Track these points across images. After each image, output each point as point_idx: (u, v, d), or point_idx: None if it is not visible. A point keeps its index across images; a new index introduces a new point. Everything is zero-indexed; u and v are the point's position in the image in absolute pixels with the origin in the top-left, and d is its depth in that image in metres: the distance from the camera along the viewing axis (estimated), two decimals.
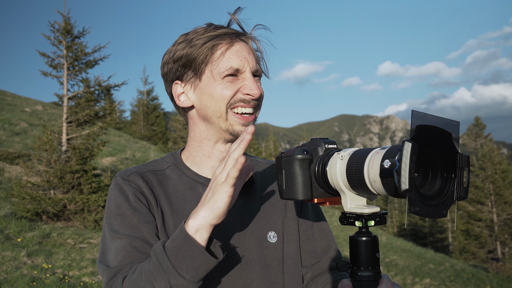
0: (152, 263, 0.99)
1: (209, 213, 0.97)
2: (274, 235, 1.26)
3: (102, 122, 9.32)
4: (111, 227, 1.16)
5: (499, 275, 16.54)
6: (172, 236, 1.00)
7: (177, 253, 0.96)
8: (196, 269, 0.95)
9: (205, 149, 1.27)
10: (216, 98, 1.19)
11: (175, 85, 1.25)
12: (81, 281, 6.25)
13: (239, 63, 1.18)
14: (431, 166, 0.85)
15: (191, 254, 0.95)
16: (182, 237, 0.97)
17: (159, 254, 0.98)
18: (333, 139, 1.05)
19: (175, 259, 0.96)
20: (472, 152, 28.37)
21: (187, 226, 0.98)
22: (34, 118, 16.63)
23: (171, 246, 0.97)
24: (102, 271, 1.11)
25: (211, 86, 1.19)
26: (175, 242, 0.98)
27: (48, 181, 8.20)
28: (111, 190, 1.22)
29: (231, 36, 1.20)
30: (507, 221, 25.38)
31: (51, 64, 9.21)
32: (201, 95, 1.21)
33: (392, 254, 12.82)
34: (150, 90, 31.90)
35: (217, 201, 0.96)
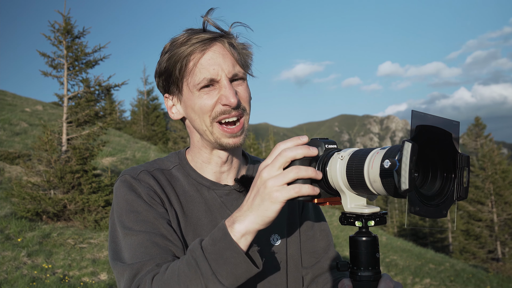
0: (188, 265, 0.94)
1: (258, 219, 0.91)
2: (277, 237, 1.26)
3: (102, 122, 9.33)
4: (123, 224, 1.12)
5: (499, 275, 16.53)
6: (211, 237, 0.95)
7: (218, 258, 0.91)
8: (237, 277, 0.91)
9: (204, 155, 1.26)
10: (197, 111, 1.17)
11: (165, 98, 1.26)
12: (81, 281, 6.25)
13: (212, 72, 1.14)
14: (431, 166, 0.85)
15: (233, 261, 0.91)
16: (226, 242, 0.92)
17: (198, 257, 0.93)
18: (333, 139, 1.04)
19: (215, 264, 0.91)
20: (472, 152, 28.37)
21: (233, 230, 0.92)
22: (34, 118, 16.64)
23: (212, 250, 0.92)
24: (121, 269, 1.05)
25: (191, 99, 1.17)
26: (216, 245, 0.92)
27: (48, 181, 8.20)
28: (119, 188, 1.19)
29: (203, 43, 1.15)
30: (507, 221, 25.38)
31: (51, 64, 9.21)
32: (185, 108, 1.21)
33: (392, 254, 12.82)
34: (150, 90, 31.92)
35: (268, 210, 0.90)
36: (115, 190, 1.20)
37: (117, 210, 1.16)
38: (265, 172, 0.91)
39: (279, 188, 0.89)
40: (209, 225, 1.20)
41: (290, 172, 0.89)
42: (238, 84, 1.20)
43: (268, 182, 0.90)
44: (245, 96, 1.20)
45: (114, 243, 1.13)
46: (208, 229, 1.19)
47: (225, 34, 1.19)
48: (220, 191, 1.25)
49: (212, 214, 1.21)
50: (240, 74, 1.19)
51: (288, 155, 0.91)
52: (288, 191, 0.88)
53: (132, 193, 1.16)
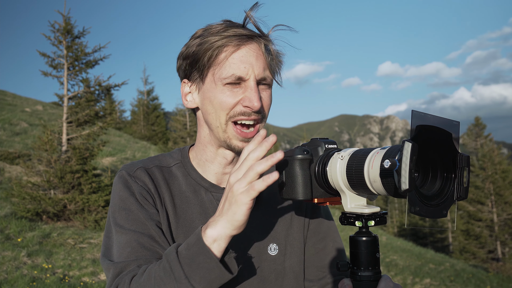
0: (163, 269, 0.94)
1: (228, 224, 0.92)
2: (275, 247, 1.23)
3: (102, 122, 9.32)
4: (115, 221, 1.12)
5: (499, 275, 16.53)
6: (186, 242, 0.95)
7: (191, 262, 0.91)
8: (210, 282, 0.91)
9: (208, 154, 1.23)
10: (215, 106, 1.13)
11: (183, 83, 1.21)
12: (81, 281, 6.25)
13: (242, 70, 1.10)
14: (431, 166, 0.85)
15: (206, 266, 0.91)
16: (198, 247, 0.92)
17: (172, 261, 0.93)
18: (333, 139, 1.04)
19: (188, 269, 0.91)
20: (472, 152, 28.36)
21: (205, 235, 0.93)
22: (34, 118, 16.63)
23: (186, 254, 0.93)
24: (107, 266, 1.06)
25: (212, 92, 1.13)
26: (190, 250, 0.93)
27: (48, 181, 8.20)
28: (116, 183, 1.18)
29: (240, 38, 1.11)
30: (507, 221, 25.38)
31: (51, 64, 9.21)
32: (203, 98, 1.16)
33: (392, 254, 12.82)
34: (150, 90, 31.91)
35: (235, 213, 0.90)
36: (113, 184, 1.20)
37: (112, 205, 1.16)
38: (232, 177, 0.93)
39: (243, 190, 0.90)
40: None
41: (250, 171, 0.90)
42: (263, 89, 1.16)
43: (234, 187, 0.91)
44: (268, 103, 1.17)
45: (108, 238, 1.13)
46: None
47: (263, 35, 1.15)
48: (218, 194, 1.22)
49: (207, 216, 1.19)
50: (268, 79, 1.15)
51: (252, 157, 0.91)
52: (249, 192, 0.89)
53: (126, 190, 1.15)
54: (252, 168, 0.90)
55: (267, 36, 1.16)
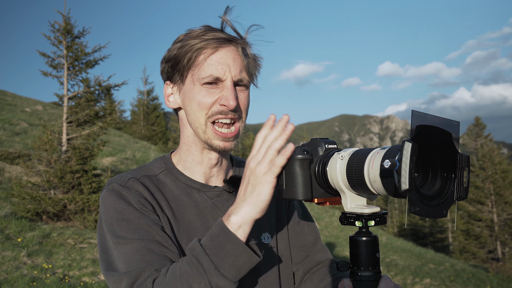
0: (189, 263, 0.94)
1: (253, 207, 0.94)
2: (268, 236, 1.28)
3: (102, 122, 9.32)
4: (114, 233, 1.08)
5: (499, 275, 16.53)
6: (208, 234, 0.96)
7: (219, 252, 0.92)
8: (239, 268, 0.93)
9: (194, 154, 1.25)
10: (194, 106, 1.17)
11: (166, 85, 1.25)
12: (81, 281, 6.25)
13: (219, 71, 1.14)
14: (431, 166, 0.85)
15: (234, 253, 0.92)
16: (224, 235, 0.93)
17: (199, 254, 0.93)
18: (333, 139, 1.04)
19: (216, 259, 0.92)
20: (472, 152, 28.36)
21: (229, 222, 0.94)
22: (34, 118, 16.63)
23: (211, 245, 0.94)
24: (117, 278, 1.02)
25: (191, 92, 1.18)
26: (215, 240, 0.94)
27: (48, 181, 8.20)
28: (106, 197, 1.15)
29: (218, 41, 1.16)
30: (507, 221, 25.37)
31: (51, 64, 9.20)
32: (184, 98, 1.21)
33: (392, 254, 12.82)
34: (150, 90, 31.91)
35: (260, 194, 0.94)
36: (101, 200, 1.16)
37: (106, 219, 1.12)
38: (252, 162, 0.97)
39: (266, 170, 0.94)
40: (202, 228, 1.19)
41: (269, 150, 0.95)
42: (240, 90, 1.20)
43: (256, 169, 0.95)
44: (245, 103, 1.21)
45: (106, 253, 1.10)
46: (200, 232, 1.19)
47: (240, 38, 1.20)
48: (210, 193, 1.24)
49: (204, 216, 1.21)
50: (245, 81, 1.20)
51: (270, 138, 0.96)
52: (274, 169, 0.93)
53: (121, 201, 1.13)
54: (270, 147, 0.95)
55: (244, 39, 1.21)
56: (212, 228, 0.97)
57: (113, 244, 1.08)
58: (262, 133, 0.98)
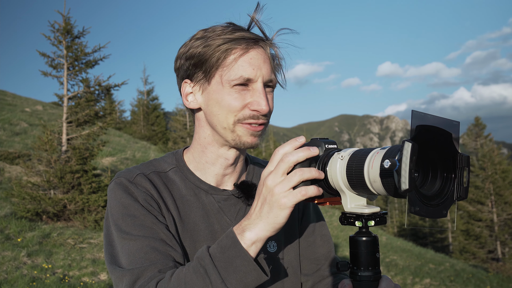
0: (195, 273, 0.93)
1: (268, 227, 0.92)
2: (274, 244, 1.25)
3: (102, 122, 9.32)
4: (119, 228, 1.08)
5: (499, 275, 16.53)
6: (220, 244, 0.94)
7: (228, 266, 0.91)
8: (247, 285, 0.91)
9: (209, 155, 1.22)
10: (223, 107, 1.12)
11: (184, 83, 1.19)
12: (81, 281, 6.25)
13: (251, 72, 1.11)
14: (431, 166, 0.85)
15: (243, 269, 0.91)
16: (236, 250, 0.92)
17: (207, 265, 0.92)
18: (333, 139, 1.04)
19: (225, 272, 0.91)
20: (472, 152, 28.36)
21: (243, 238, 0.92)
22: (34, 118, 16.63)
23: (221, 258, 0.92)
24: (120, 274, 1.02)
25: (219, 93, 1.13)
26: (225, 253, 0.92)
27: (48, 181, 8.20)
28: (114, 190, 1.14)
29: (247, 41, 1.12)
30: (507, 221, 25.38)
31: (51, 64, 9.20)
32: (208, 99, 1.15)
33: (392, 254, 12.82)
34: (150, 90, 31.91)
35: (278, 216, 0.90)
36: (109, 192, 1.16)
37: (112, 213, 1.11)
38: (270, 179, 0.92)
39: (286, 194, 0.90)
40: (206, 230, 1.18)
41: (294, 176, 0.90)
42: (268, 92, 1.17)
43: (274, 190, 0.90)
44: (272, 105, 1.19)
45: (111, 246, 1.10)
46: (205, 234, 1.17)
47: (268, 39, 1.17)
48: (218, 196, 1.22)
49: (209, 219, 1.19)
50: (274, 82, 1.17)
51: (291, 160, 0.92)
52: (295, 195, 0.90)
53: (128, 196, 1.12)
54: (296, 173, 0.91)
55: (271, 40, 1.17)
56: (223, 238, 0.95)
57: (117, 239, 1.08)
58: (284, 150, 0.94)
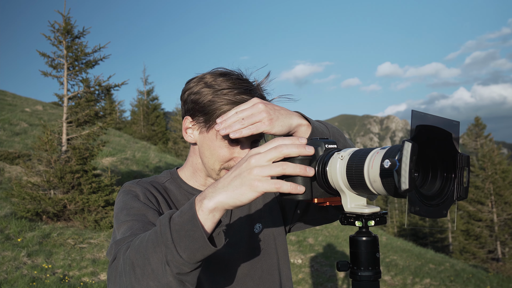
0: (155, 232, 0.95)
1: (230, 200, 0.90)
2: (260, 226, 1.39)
3: (102, 122, 9.31)
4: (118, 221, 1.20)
5: (499, 275, 16.53)
6: (181, 209, 0.96)
7: (180, 229, 0.91)
8: (194, 251, 0.91)
9: (198, 179, 1.38)
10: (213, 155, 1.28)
11: (186, 119, 1.33)
12: (81, 281, 6.25)
13: None
14: (431, 166, 0.85)
15: (192, 235, 0.91)
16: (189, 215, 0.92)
17: (163, 225, 0.94)
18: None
19: (176, 235, 0.91)
20: (472, 152, 28.35)
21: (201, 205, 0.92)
22: (34, 118, 16.63)
23: (177, 221, 0.93)
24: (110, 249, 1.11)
25: (212, 142, 1.27)
26: (182, 217, 0.93)
27: (48, 181, 8.20)
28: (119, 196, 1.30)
29: None
30: (507, 221, 25.37)
31: (51, 64, 9.20)
32: (203, 141, 1.30)
33: (392, 254, 12.82)
34: (150, 90, 31.89)
35: (243, 195, 0.89)
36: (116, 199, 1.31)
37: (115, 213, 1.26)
38: (254, 159, 0.90)
39: (262, 179, 0.88)
40: None
41: (277, 167, 0.89)
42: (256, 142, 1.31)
43: (254, 170, 0.89)
44: None
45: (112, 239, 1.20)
46: None
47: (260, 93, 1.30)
48: None
49: None
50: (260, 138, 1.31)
51: (283, 151, 0.91)
52: (269, 184, 0.89)
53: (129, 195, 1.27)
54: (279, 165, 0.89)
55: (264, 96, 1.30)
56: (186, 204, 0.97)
57: (116, 230, 1.20)
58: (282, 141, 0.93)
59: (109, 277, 1.02)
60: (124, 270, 0.96)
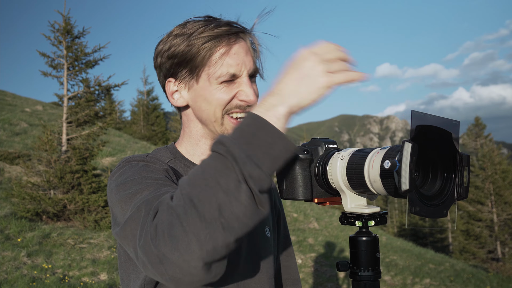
0: (213, 158, 0.80)
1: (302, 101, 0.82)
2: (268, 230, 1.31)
3: (102, 122, 9.31)
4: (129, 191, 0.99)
5: (499, 275, 16.53)
6: (236, 128, 0.83)
7: (251, 140, 0.79)
8: (275, 157, 0.79)
9: (203, 147, 1.23)
10: (211, 103, 1.14)
11: (168, 82, 1.20)
12: (81, 281, 6.25)
13: (236, 68, 1.13)
14: (431, 166, 0.85)
15: (269, 140, 0.79)
16: (256, 125, 0.80)
17: (227, 142, 0.79)
18: (333, 139, 1.05)
19: (248, 147, 0.78)
20: (472, 152, 28.35)
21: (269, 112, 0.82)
22: (34, 118, 16.62)
23: (241, 135, 0.80)
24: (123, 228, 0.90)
25: (207, 90, 1.14)
26: (245, 130, 0.81)
27: (48, 181, 8.19)
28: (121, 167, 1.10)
29: (229, 37, 1.14)
30: (507, 221, 25.37)
31: (51, 64, 9.20)
32: (195, 96, 1.17)
33: (392, 254, 12.81)
34: (150, 90, 31.88)
35: (315, 92, 0.81)
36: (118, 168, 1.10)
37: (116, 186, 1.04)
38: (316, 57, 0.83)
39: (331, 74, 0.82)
40: None
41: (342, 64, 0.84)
42: (253, 81, 1.21)
43: (320, 66, 0.82)
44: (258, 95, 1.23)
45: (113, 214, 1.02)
46: None
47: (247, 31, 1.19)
48: None
49: None
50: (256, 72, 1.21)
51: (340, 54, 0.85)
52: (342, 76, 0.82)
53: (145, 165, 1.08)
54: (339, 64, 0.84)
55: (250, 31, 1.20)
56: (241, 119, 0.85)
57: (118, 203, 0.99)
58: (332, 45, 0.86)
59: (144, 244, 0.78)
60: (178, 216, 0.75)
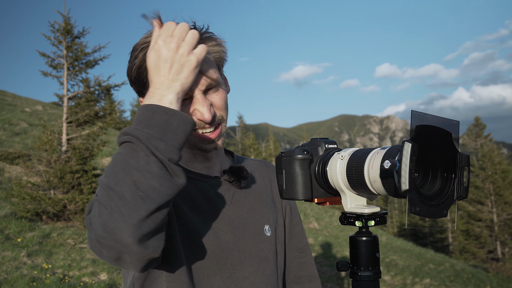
0: (122, 147, 0.88)
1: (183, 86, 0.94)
2: (268, 228, 1.28)
3: (102, 122, 9.31)
4: None
5: (499, 275, 16.53)
6: (134, 120, 0.91)
7: (149, 123, 0.88)
8: (174, 131, 0.88)
9: (186, 155, 1.22)
10: None
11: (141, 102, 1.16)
12: (81, 281, 6.25)
13: None
14: (431, 166, 0.85)
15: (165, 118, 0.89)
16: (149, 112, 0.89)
17: (128, 130, 0.88)
18: (333, 139, 1.04)
19: (148, 129, 0.87)
20: (472, 152, 28.35)
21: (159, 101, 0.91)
22: (34, 118, 16.63)
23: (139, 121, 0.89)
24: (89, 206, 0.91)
25: None
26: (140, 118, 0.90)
27: (48, 181, 8.19)
28: None
29: None
30: (507, 221, 25.37)
31: (51, 64, 9.20)
32: None
33: (392, 254, 12.81)
34: None
35: (189, 77, 0.95)
36: None
37: None
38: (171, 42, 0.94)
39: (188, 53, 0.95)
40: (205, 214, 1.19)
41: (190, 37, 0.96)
42: (212, 92, 1.12)
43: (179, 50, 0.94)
44: (221, 104, 1.13)
45: None
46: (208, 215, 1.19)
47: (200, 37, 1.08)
48: (211, 182, 1.23)
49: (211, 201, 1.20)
50: (214, 83, 1.10)
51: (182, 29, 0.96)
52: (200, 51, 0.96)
53: None
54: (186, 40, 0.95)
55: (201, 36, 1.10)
56: (136, 114, 0.93)
57: None
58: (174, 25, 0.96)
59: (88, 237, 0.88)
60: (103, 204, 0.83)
